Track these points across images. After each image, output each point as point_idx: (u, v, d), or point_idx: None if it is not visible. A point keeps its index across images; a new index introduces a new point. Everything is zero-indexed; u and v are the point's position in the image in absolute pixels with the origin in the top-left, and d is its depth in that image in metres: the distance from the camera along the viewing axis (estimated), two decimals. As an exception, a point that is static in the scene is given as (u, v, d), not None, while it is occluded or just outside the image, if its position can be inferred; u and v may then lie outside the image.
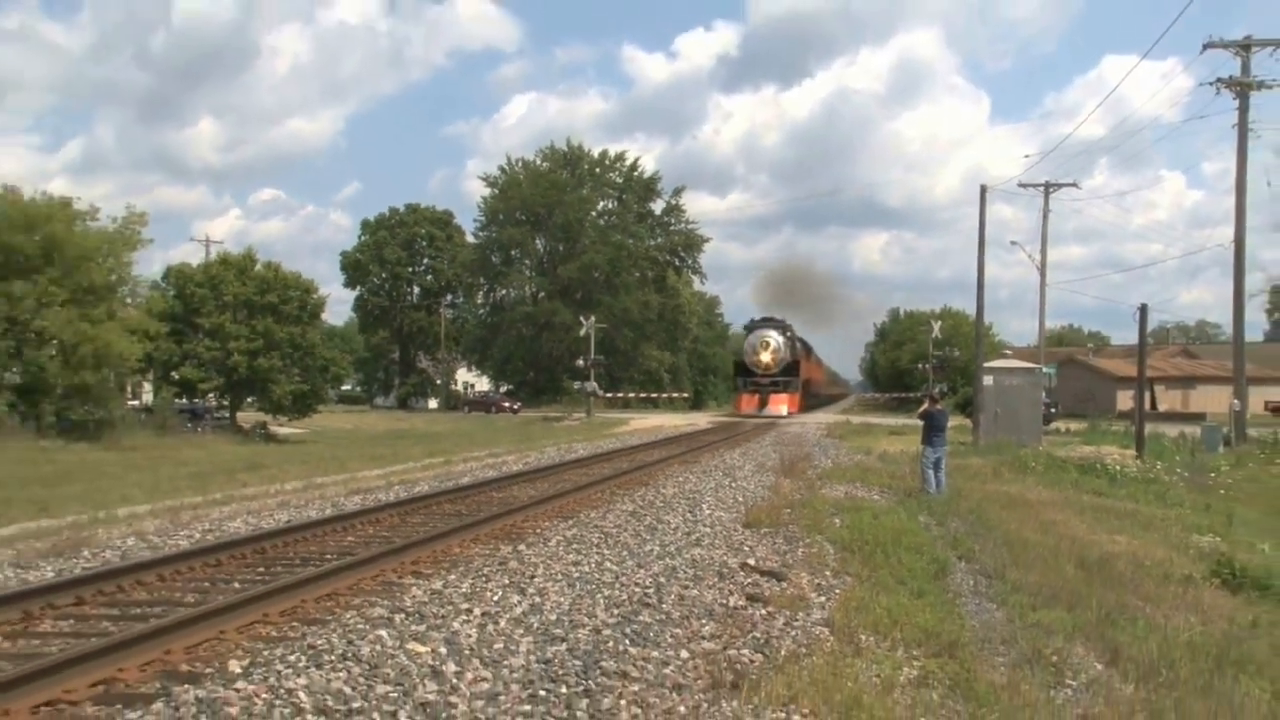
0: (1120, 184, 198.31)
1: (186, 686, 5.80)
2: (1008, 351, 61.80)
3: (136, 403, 45.70)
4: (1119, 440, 33.84)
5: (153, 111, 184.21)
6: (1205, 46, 34.29)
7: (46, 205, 33.52)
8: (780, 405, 52.82)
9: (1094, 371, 76.24)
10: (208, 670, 6.22)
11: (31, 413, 31.19)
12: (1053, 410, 50.74)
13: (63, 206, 33.86)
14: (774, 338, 55.34)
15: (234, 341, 43.96)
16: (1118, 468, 24.72)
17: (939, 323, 73.60)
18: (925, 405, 19.29)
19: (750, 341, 56.58)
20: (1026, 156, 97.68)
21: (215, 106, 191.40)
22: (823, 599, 9.23)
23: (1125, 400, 59.47)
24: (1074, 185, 48.99)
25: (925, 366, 69.48)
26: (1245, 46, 33.95)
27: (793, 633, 8.01)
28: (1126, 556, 13.14)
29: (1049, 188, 47.52)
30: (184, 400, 45.18)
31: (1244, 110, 34.09)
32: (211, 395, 46.67)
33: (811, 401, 68.13)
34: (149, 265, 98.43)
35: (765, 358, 54.54)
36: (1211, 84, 34.55)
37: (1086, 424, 46.27)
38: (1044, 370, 46.94)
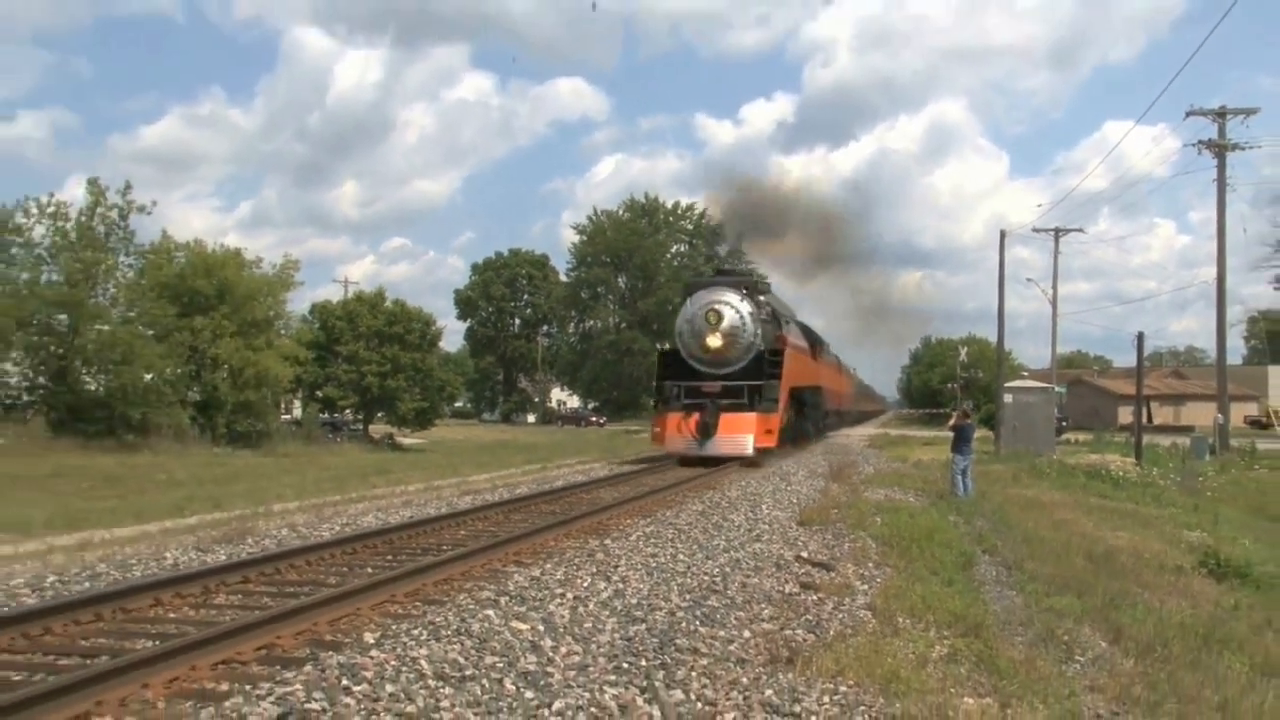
0: (1120, 229, 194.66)
1: (330, 653, 5.89)
2: (1025, 373, 60.11)
3: (288, 417, 46.67)
4: (1120, 450, 32.93)
5: (307, 177, 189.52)
6: (1187, 114, 33.83)
7: (222, 255, 34.80)
8: (741, 435, 21.92)
9: (1099, 390, 74.58)
10: (347, 640, 6.29)
11: (208, 424, 32.14)
12: (1064, 424, 49.38)
13: (234, 256, 35.15)
14: (731, 304, 23.21)
15: (367, 365, 44.99)
16: (1120, 474, 24.15)
17: (965, 348, 72.47)
18: (955, 419, 18.96)
19: (690, 314, 23.71)
20: (1039, 206, 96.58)
21: (357, 171, 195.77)
22: (866, 587, 9.08)
23: (1126, 415, 57.97)
24: (1080, 230, 47.83)
25: (953, 386, 68.33)
26: (1221, 114, 33.38)
27: (840, 616, 7.90)
28: (1127, 550, 12.83)
29: (1059, 232, 46.48)
30: (326, 415, 46.12)
31: (1222, 168, 33.40)
32: (348, 410, 47.71)
33: (827, 421, 38.01)
34: (299, 302, 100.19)
35: (714, 341, 22.93)
36: (1194, 145, 34.07)
37: (1093, 436, 45.07)
38: (1056, 389, 45.83)
